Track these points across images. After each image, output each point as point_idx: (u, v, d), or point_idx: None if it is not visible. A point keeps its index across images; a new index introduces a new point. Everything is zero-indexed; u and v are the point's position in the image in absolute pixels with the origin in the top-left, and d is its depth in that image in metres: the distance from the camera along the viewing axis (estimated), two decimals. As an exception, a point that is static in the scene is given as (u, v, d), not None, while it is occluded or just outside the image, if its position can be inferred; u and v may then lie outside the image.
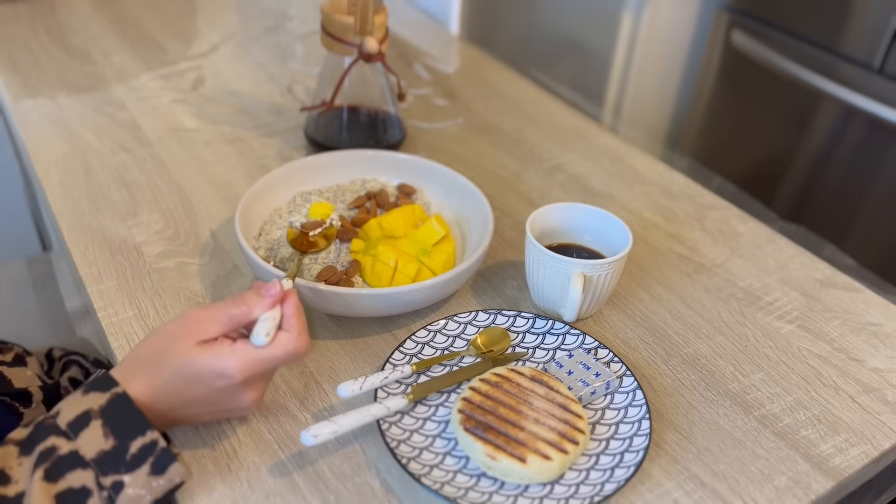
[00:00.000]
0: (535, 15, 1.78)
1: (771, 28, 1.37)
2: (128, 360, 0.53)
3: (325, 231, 0.69)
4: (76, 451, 0.49)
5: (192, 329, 0.51)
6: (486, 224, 0.73)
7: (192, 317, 0.52)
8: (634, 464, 0.55)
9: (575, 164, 0.95)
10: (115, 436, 0.49)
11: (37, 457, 0.48)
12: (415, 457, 0.55)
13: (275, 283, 0.54)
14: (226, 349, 0.51)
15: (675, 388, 0.65)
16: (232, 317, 0.52)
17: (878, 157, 1.26)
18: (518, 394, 0.58)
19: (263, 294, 0.53)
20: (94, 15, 1.24)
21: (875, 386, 0.66)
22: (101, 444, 0.49)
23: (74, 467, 0.48)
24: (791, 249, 0.82)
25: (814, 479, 0.58)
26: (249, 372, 0.52)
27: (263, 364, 0.52)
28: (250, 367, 0.51)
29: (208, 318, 0.52)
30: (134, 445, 0.49)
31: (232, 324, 0.53)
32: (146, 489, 0.49)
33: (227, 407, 0.54)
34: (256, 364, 0.52)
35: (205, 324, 0.52)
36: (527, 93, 1.12)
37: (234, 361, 0.51)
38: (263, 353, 0.52)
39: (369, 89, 0.89)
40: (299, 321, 0.54)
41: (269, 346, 0.52)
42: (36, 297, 0.98)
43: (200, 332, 0.51)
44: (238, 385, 0.52)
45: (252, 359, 0.51)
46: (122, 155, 0.91)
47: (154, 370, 0.51)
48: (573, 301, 0.65)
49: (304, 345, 0.54)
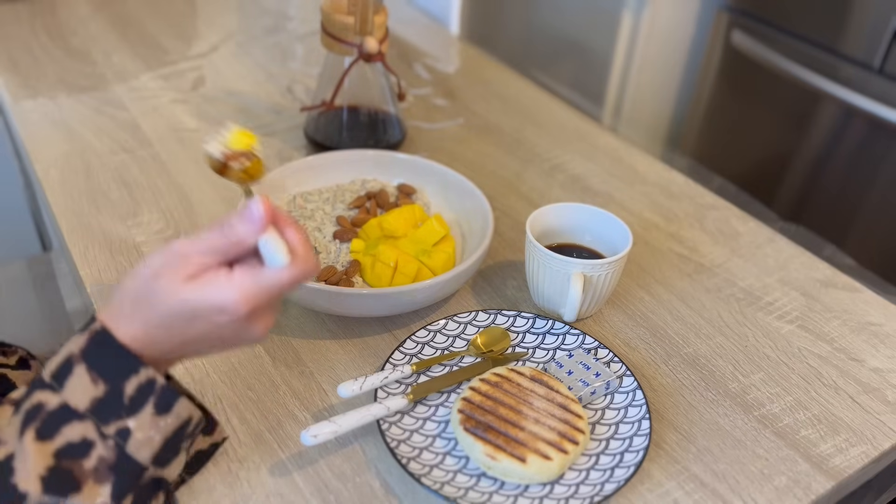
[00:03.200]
0: (535, 15, 1.78)
1: (771, 28, 1.37)
2: (114, 302, 0.47)
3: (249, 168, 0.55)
4: (66, 404, 0.44)
5: (178, 265, 0.45)
6: (486, 224, 0.73)
7: (175, 252, 0.45)
8: (634, 464, 0.55)
9: (575, 164, 0.95)
10: (104, 379, 0.45)
11: (23, 416, 0.44)
12: (415, 457, 0.55)
13: (258, 203, 0.46)
14: (222, 281, 0.45)
15: (675, 388, 0.65)
16: (220, 249, 0.46)
17: (878, 157, 1.26)
18: (518, 394, 0.58)
19: (248, 219, 0.46)
20: (94, 15, 1.24)
21: (875, 386, 0.66)
22: (91, 392, 0.44)
23: (68, 420, 0.44)
24: (791, 249, 0.82)
25: (814, 479, 0.58)
26: (253, 303, 0.45)
27: (268, 292, 0.46)
28: (253, 297, 0.45)
29: (195, 253, 0.45)
30: (129, 387, 0.45)
31: (223, 257, 0.46)
32: (154, 430, 0.45)
33: (234, 341, 0.48)
34: (261, 293, 0.46)
35: (191, 258, 0.45)
36: (527, 93, 1.12)
37: (234, 294, 0.45)
38: (266, 280, 0.46)
39: (369, 89, 0.89)
40: (302, 240, 0.48)
41: (273, 271, 0.46)
42: (36, 297, 0.98)
43: (187, 267, 0.45)
44: (243, 319, 0.46)
45: (254, 289, 0.45)
46: (122, 155, 0.91)
47: (145, 311, 0.45)
48: (573, 301, 0.65)
49: (312, 264, 0.48)
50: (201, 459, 0.55)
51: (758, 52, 1.37)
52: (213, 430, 0.54)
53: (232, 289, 0.45)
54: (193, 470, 0.54)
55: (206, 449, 0.54)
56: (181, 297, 0.45)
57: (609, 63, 1.65)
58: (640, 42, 1.59)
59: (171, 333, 0.46)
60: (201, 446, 0.54)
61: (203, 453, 0.54)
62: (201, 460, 0.55)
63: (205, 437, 0.54)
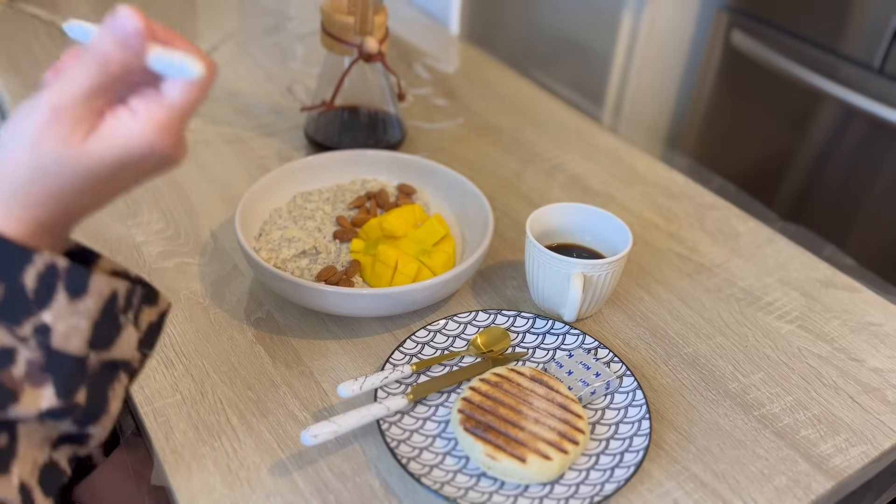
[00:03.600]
0: (535, 15, 1.78)
1: (771, 28, 1.37)
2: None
3: None
4: None
5: (63, 124, 0.38)
6: (486, 224, 0.73)
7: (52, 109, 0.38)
8: (634, 464, 0.55)
9: (575, 164, 0.95)
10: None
11: None
12: (415, 457, 0.55)
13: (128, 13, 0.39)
14: (130, 124, 0.39)
15: (675, 388, 0.65)
16: (107, 87, 0.39)
17: (878, 157, 1.26)
18: (518, 394, 0.58)
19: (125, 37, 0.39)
20: (93, 15, 1.24)
21: (875, 386, 0.66)
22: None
23: None
24: (791, 249, 0.82)
25: (814, 479, 0.58)
26: (173, 131, 0.41)
27: (184, 112, 0.41)
28: (171, 125, 0.40)
29: (80, 104, 0.39)
30: (28, 279, 0.39)
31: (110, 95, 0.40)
32: (76, 316, 0.41)
33: (158, 173, 0.43)
34: (177, 117, 0.41)
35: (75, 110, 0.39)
36: (527, 93, 1.12)
37: (151, 129, 0.40)
38: (177, 99, 0.40)
39: (369, 89, 0.89)
40: (187, 43, 0.42)
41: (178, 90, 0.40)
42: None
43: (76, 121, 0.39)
44: (168, 151, 0.41)
45: (170, 116, 0.40)
46: (122, 155, 0.90)
47: (49, 187, 0.40)
48: (573, 301, 0.65)
49: (213, 64, 0.42)
50: (154, 332, 0.49)
51: (758, 52, 1.37)
52: (157, 299, 0.48)
53: (145, 126, 0.40)
54: (150, 344, 0.49)
55: (157, 320, 0.48)
56: (94, 157, 0.39)
57: (609, 63, 1.65)
58: (640, 42, 1.59)
59: (91, 195, 0.41)
60: (151, 318, 0.48)
61: (155, 325, 0.48)
62: (155, 332, 0.49)
63: (151, 308, 0.48)
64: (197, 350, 0.65)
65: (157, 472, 0.58)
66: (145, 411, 0.60)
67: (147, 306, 0.47)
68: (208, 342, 0.66)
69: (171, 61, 0.39)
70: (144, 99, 0.40)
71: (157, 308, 0.48)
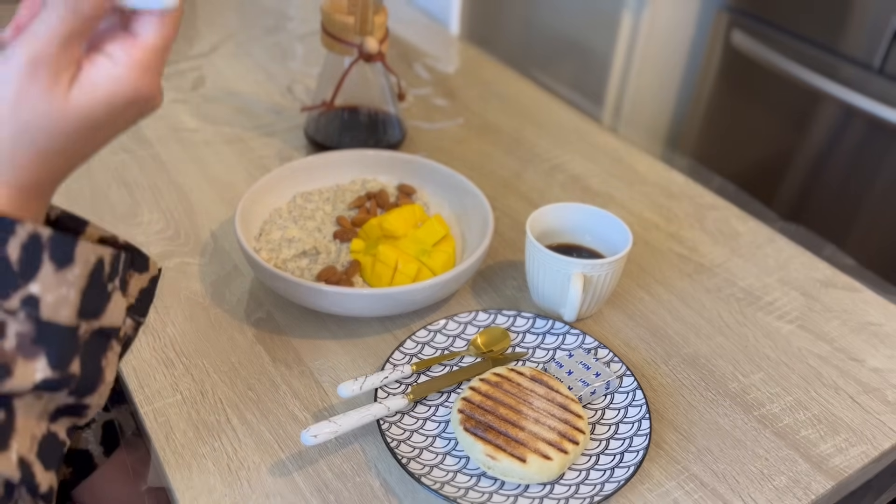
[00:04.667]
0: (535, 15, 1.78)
1: (771, 28, 1.37)
2: None
3: None
4: None
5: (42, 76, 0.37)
6: (486, 224, 0.73)
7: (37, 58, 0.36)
8: (634, 464, 0.55)
9: (575, 164, 0.95)
10: None
11: None
12: (415, 456, 0.55)
13: None
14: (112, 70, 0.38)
15: (675, 388, 0.65)
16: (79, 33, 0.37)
17: (878, 157, 1.26)
18: (518, 394, 0.58)
19: None
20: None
21: (875, 386, 0.66)
22: None
23: None
24: (791, 249, 0.82)
25: (814, 479, 0.58)
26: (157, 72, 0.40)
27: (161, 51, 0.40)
28: (152, 65, 0.40)
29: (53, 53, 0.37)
30: (12, 251, 0.38)
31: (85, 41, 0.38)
32: (65, 286, 0.40)
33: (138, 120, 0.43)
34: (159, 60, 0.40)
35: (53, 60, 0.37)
36: (527, 93, 1.12)
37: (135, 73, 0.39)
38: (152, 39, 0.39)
39: (369, 89, 0.89)
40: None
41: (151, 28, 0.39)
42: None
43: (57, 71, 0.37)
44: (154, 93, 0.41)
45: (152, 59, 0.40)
46: (122, 155, 0.91)
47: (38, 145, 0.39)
48: (573, 301, 0.65)
49: None
50: (147, 298, 0.48)
51: (758, 52, 1.37)
52: (147, 264, 0.48)
53: (128, 70, 0.39)
54: (143, 311, 0.48)
55: (148, 286, 0.48)
56: (81, 109, 0.38)
57: (609, 63, 1.65)
58: (640, 42, 1.59)
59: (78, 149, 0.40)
60: (142, 285, 0.47)
61: (146, 291, 0.48)
62: (147, 299, 0.48)
63: (141, 275, 0.47)
64: (197, 350, 0.65)
65: (154, 471, 0.58)
66: (145, 411, 0.60)
67: (136, 272, 0.46)
68: (208, 342, 0.66)
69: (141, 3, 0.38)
70: (120, 42, 0.39)
71: (148, 274, 0.48)
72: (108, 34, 0.39)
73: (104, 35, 0.39)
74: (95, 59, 0.38)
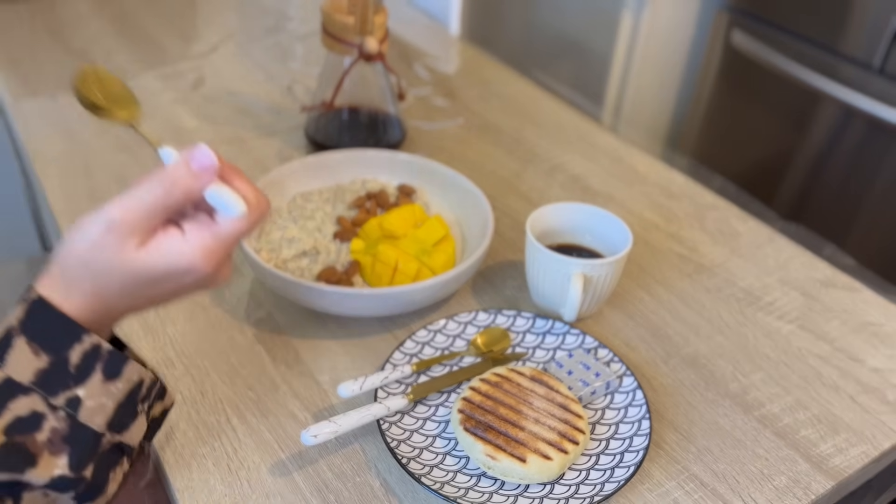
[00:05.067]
0: (535, 15, 1.78)
1: (771, 28, 1.37)
2: (50, 273, 0.45)
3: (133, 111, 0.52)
4: (9, 378, 0.43)
5: (122, 234, 0.43)
6: (486, 224, 0.73)
7: (118, 220, 0.43)
8: (634, 464, 0.55)
9: (575, 164, 0.95)
10: (46, 351, 0.44)
11: None
12: (415, 456, 0.55)
13: (207, 152, 0.45)
14: (180, 244, 0.45)
15: (675, 388, 0.65)
16: (168, 208, 0.44)
17: (878, 157, 1.26)
18: (518, 394, 0.58)
19: (199, 171, 0.45)
20: (94, 14, 1.24)
21: (875, 386, 0.66)
22: (34, 364, 0.43)
23: (14, 395, 0.43)
24: (791, 249, 0.82)
25: (814, 479, 0.58)
26: (216, 258, 0.46)
27: (228, 244, 0.46)
28: (216, 252, 0.45)
29: (139, 219, 0.44)
30: (73, 355, 0.44)
31: (169, 214, 0.45)
32: (106, 396, 0.45)
33: (196, 291, 0.48)
34: (222, 246, 0.46)
35: (136, 225, 0.44)
36: (527, 93, 1.12)
37: (197, 254, 0.45)
38: (226, 230, 0.45)
39: (369, 89, 0.89)
40: (247, 181, 0.47)
41: (229, 221, 0.46)
42: (36, 296, 0.98)
43: (135, 234, 0.44)
44: (209, 273, 0.46)
45: (215, 244, 0.45)
46: (122, 155, 0.91)
47: (93, 282, 0.44)
48: (573, 301, 0.65)
49: (266, 203, 0.48)
50: (155, 426, 0.53)
51: (758, 52, 1.37)
52: (164, 395, 0.52)
53: (193, 249, 0.44)
54: (150, 437, 0.53)
55: (159, 416, 0.52)
56: (140, 266, 0.44)
57: (609, 63, 1.65)
58: (640, 42, 1.59)
59: (130, 299, 0.46)
60: (156, 413, 0.52)
61: (156, 420, 0.52)
62: (155, 427, 0.53)
63: (160, 402, 0.52)
64: (197, 350, 0.65)
65: (154, 470, 0.58)
66: (145, 411, 0.60)
67: (159, 400, 0.51)
68: (208, 342, 0.66)
69: (221, 198, 0.45)
70: (196, 224, 0.46)
71: (163, 403, 0.52)
72: (193, 212, 0.47)
73: (189, 211, 0.47)
74: (171, 230, 0.45)
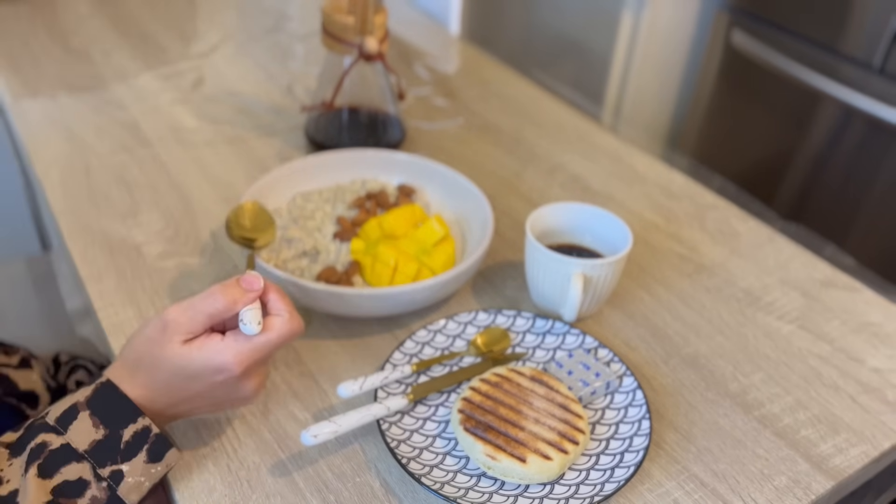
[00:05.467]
0: (535, 15, 1.78)
1: (771, 28, 1.37)
2: (116, 365, 0.53)
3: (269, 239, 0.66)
4: (68, 444, 0.48)
5: (174, 332, 0.51)
6: (486, 224, 0.73)
7: (171, 320, 0.51)
8: (634, 464, 0.55)
9: (575, 164, 0.95)
10: (104, 425, 0.49)
11: (28, 454, 0.48)
12: (415, 457, 0.55)
13: (257, 276, 0.53)
14: (218, 344, 0.51)
15: (675, 388, 0.65)
16: (212, 315, 0.52)
17: (878, 157, 1.26)
18: (518, 394, 0.58)
19: (246, 288, 0.52)
20: (93, 14, 1.24)
21: (875, 386, 0.66)
22: (92, 435, 0.49)
23: (68, 461, 0.48)
24: (791, 249, 0.82)
25: (814, 479, 0.58)
26: (247, 363, 0.51)
27: (260, 352, 0.52)
28: (247, 357, 0.51)
29: (188, 320, 0.51)
30: (126, 433, 0.50)
31: (213, 321, 0.52)
32: (145, 476, 0.50)
33: (228, 398, 0.54)
34: (253, 353, 0.52)
35: (185, 325, 0.51)
36: (527, 93, 1.12)
37: (230, 355, 0.51)
38: (258, 340, 0.52)
39: (369, 89, 0.89)
40: (286, 303, 0.54)
41: (264, 332, 0.52)
42: (36, 296, 0.98)
43: (182, 332, 0.51)
44: (238, 377, 0.52)
45: (248, 349, 0.51)
46: (122, 155, 0.91)
47: (146, 375, 0.51)
48: (573, 301, 0.65)
49: (299, 324, 0.54)
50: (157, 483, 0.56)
51: (758, 52, 1.37)
52: None
53: (227, 351, 0.51)
54: None
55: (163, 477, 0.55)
56: (181, 360, 0.50)
57: (609, 63, 1.65)
58: (640, 42, 1.59)
59: (171, 392, 0.52)
60: None
61: None
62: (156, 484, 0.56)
63: None
64: (197, 350, 0.65)
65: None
66: (145, 411, 0.60)
67: None
68: (208, 342, 0.66)
69: (246, 316, 0.52)
70: (235, 332, 0.52)
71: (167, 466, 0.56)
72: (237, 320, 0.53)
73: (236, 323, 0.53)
74: (214, 335, 0.52)
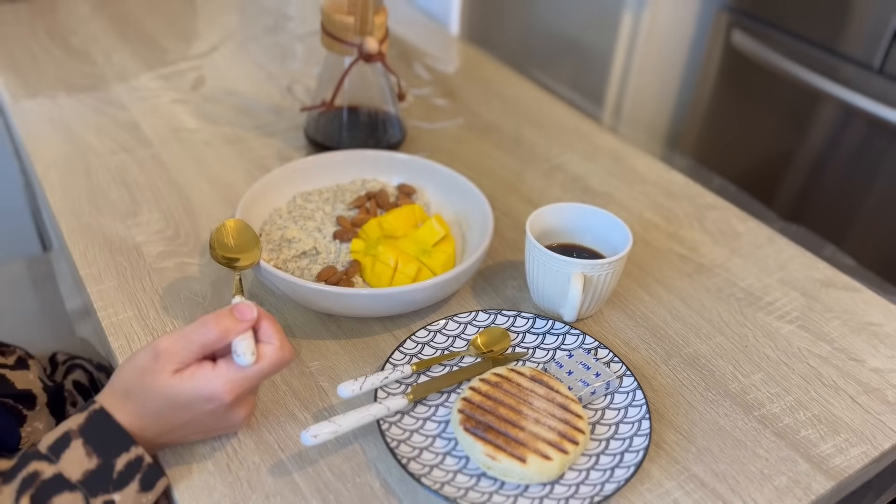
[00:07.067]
0: (535, 15, 1.78)
1: (771, 28, 1.37)
2: (108, 391, 0.52)
3: None
4: (60, 474, 0.48)
5: (165, 361, 0.51)
6: (486, 224, 0.73)
7: (162, 349, 0.51)
8: (634, 464, 0.55)
9: (575, 164, 0.95)
10: (97, 454, 0.49)
11: (19, 483, 0.48)
12: (415, 457, 0.55)
13: (250, 306, 0.53)
14: (209, 373, 0.51)
15: (675, 388, 0.65)
16: (205, 345, 0.52)
17: (878, 157, 1.26)
18: (518, 394, 0.58)
19: (239, 318, 0.52)
20: (94, 15, 1.24)
21: (875, 386, 0.66)
22: (85, 464, 0.49)
23: (60, 490, 0.48)
24: (791, 249, 0.82)
25: (814, 479, 0.58)
26: (237, 391, 0.52)
27: (251, 381, 0.52)
28: (237, 386, 0.52)
29: (179, 350, 0.51)
30: (119, 462, 0.50)
31: (205, 351, 0.52)
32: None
33: (217, 426, 0.55)
34: (244, 382, 0.52)
35: (176, 355, 0.51)
36: (527, 93, 1.12)
37: (221, 384, 0.51)
38: (249, 370, 0.52)
39: (369, 89, 0.89)
40: (277, 331, 0.54)
41: (256, 361, 0.52)
42: (36, 297, 0.98)
43: (173, 362, 0.51)
44: (228, 405, 0.52)
45: (238, 378, 0.51)
46: (122, 155, 0.91)
47: (137, 403, 0.51)
48: (573, 301, 0.65)
49: (289, 352, 0.54)
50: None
51: (758, 52, 1.37)
52: None
53: (218, 379, 0.51)
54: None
55: None
56: (171, 390, 0.50)
57: (609, 63, 1.65)
58: (640, 42, 1.60)
59: (161, 421, 0.52)
60: None
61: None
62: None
63: None
64: (197, 350, 0.65)
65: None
66: (145, 411, 0.60)
67: None
68: (208, 342, 0.66)
69: (239, 346, 0.52)
70: (226, 360, 0.52)
71: None
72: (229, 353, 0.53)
73: (227, 351, 0.53)
74: (205, 363, 0.52)
